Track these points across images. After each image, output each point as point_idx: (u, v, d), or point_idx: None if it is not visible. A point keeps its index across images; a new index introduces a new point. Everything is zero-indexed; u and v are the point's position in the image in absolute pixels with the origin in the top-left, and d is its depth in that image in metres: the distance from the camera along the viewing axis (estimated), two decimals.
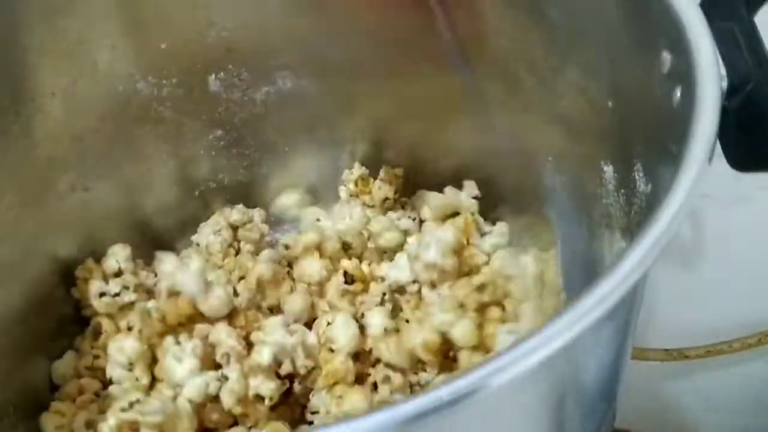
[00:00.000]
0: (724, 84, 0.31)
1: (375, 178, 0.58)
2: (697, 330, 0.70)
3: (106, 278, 0.51)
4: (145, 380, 0.47)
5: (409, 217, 0.56)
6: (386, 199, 0.57)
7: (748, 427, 0.77)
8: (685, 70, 0.31)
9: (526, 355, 0.23)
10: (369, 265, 0.55)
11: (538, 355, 0.23)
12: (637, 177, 0.40)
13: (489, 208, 0.57)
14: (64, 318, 0.51)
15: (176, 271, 0.47)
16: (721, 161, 0.39)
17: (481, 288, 0.46)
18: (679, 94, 0.32)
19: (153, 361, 0.48)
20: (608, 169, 0.44)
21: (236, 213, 0.58)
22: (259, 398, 0.45)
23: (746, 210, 0.66)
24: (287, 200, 0.60)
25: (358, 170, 0.58)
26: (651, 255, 0.26)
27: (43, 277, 0.50)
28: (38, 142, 0.47)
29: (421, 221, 0.57)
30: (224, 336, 0.46)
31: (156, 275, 0.53)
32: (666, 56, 0.33)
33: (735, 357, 0.69)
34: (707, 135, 0.29)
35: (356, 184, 0.58)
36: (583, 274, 0.50)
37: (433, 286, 0.50)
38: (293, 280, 0.53)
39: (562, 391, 0.29)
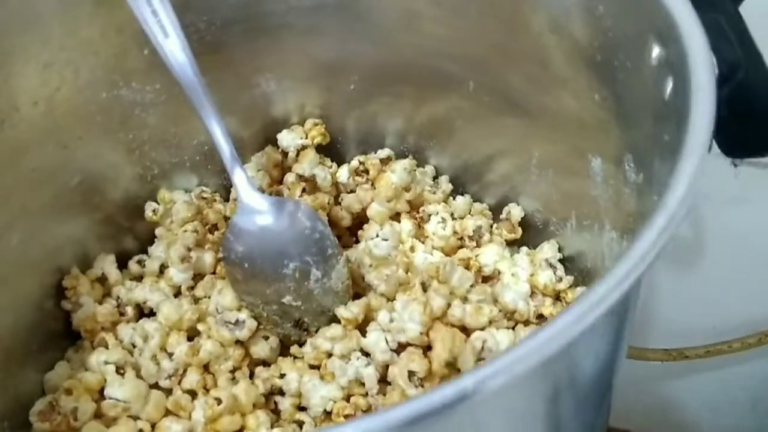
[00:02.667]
0: (716, 73, 0.30)
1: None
2: (697, 330, 0.70)
3: (92, 287, 0.51)
4: None
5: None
6: None
7: (748, 427, 0.76)
8: (676, 59, 0.31)
9: (522, 360, 0.22)
10: None
11: (533, 360, 0.22)
12: (627, 168, 0.39)
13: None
14: (53, 332, 0.50)
15: None
16: (720, 160, 0.39)
17: None
18: (671, 84, 0.31)
19: None
20: (596, 162, 0.44)
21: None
22: None
23: (746, 210, 0.65)
24: None
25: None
26: (655, 248, 0.25)
27: (33, 290, 0.49)
28: (22, 152, 0.46)
29: None
30: None
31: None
32: (655, 47, 0.33)
33: (735, 357, 0.69)
34: (705, 123, 0.28)
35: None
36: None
37: None
38: None
39: (558, 391, 0.28)
